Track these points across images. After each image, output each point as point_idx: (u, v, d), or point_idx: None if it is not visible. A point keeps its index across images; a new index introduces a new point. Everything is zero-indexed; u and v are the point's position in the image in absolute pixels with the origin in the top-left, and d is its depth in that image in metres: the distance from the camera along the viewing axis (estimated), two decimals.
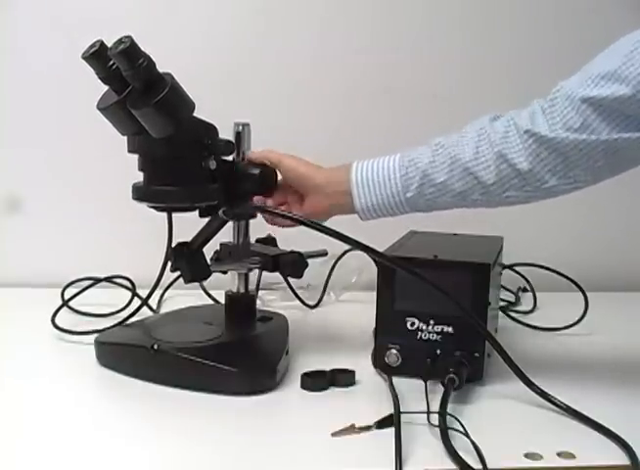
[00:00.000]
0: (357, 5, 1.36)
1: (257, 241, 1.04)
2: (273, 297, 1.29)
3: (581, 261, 1.30)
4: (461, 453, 0.70)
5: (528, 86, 0.88)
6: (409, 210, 0.91)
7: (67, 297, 1.15)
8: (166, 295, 1.25)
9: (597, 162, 0.81)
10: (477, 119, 0.89)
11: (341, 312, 1.25)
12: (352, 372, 0.90)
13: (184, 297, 1.20)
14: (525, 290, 1.34)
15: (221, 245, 1.01)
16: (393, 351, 0.91)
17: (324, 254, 1.08)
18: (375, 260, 0.93)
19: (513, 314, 1.22)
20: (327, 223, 0.84)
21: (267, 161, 0.95)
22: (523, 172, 0.84)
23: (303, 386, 0.88)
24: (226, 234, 0.99)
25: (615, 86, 0.78)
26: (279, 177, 0.96)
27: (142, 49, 0.82)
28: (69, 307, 1.14)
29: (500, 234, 1.09)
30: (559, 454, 0.72)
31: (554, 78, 0.85)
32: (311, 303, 1.27)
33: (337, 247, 1.04)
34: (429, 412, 0.78)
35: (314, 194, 0.93)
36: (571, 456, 0.72)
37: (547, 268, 1.25)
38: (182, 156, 0.88)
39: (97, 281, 1.20)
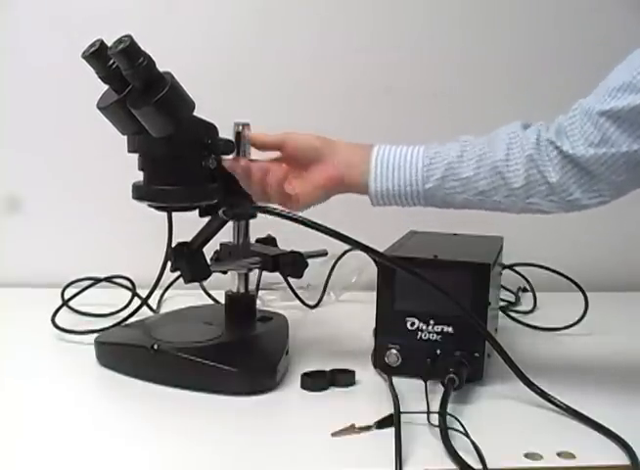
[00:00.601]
0: (357, 5, 1.36)
1: (257, 241, 1.04)
2: (273, 297, 1.29)
3: (581, 261, 1.30)
4: (461, 453, 0.70)
5: (529, 86, 0.88)
6: (423, 202, 0.89)
7: (67, 297, 1.15)
8: (166, 295, 1.25)
9: (620, 175, 0.81)
10: (507, 125, 0.89)
11: (341, 312, 1.25)
12: (352, 372, 0.90)
13: (184, 297, 1.20)
14: (525, 290, 1.34)
15: (221, 245, 1.01)
16: (393, 351, 0.91)
17: (324, 254, 1.08)
18: (375, 260, 0.93)
19: (513, 314, 1.22)
20: (327, 224, 0.84)
21: (270, 144, 0.91)
22: (550, 182, 0.84)
23: (303, 386, 0.88)
24: (226, 234, 0.99)
25: (631, 97, 0.78)
26: (279, 154, 0.92)
27: (142, 48, 0.82)
28: (69, 307, 1.14)
29: (500, 234, 1.09)
30: (559, 454, 0.72)
31: (554, 78, 0.86)
32: (311, 303, 1.27)
33: (337, 247, 1.04)
34: (429, 412, 0.78)
35: (327, 163, 0.89)
36: (571, 456, 0.72)
37: (547, 268, 1.25)
38: (182, 155, 0.88)
39: (97, 281, 1.20)
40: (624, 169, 0.81)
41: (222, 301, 1.04)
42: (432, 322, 0.90)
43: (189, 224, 0.95)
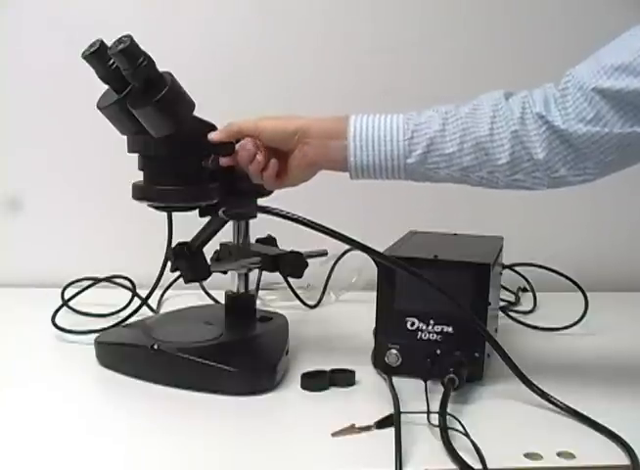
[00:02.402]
0: (358, 6, 1.36)
1: (257, 241, 1.04)
2: (273, 297, 1.29)
3: (581, 261, 1.30)
4: (461, 453, 0.70)
5: (530, 87, 0.88)
6: (404, 176, 0.87)
7: (67, 297, 1.15)
8: (166, 295, 1.25)
9: (609, 156, 0.81)
10: (488, 93, 0.87)
11: (341, 312, 1.25)
12: (352, 372, 0.90)
13: (184, 297, 1.20)
14: (525, 290, 1.34)
15: (221, 245, 1.01)
16: (393, 351, 0.91)
17: (324, 254, 1.08)
18: (375, 260, 0.93)
19: (513, 314, 1.22)
20: (327, 224, 0.84)
21: (239, 135, 0.89)
22: (536, 159, 0.82)
23: (303, 386, 0.88)
24: (226, 234, 0.99)
25: (629, 79, 0.77)
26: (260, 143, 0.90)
27: (142, 48, 0.82)
28: (69, 307, 1.14)
29: (500, 234, 1.08)
30: (559, 454, 0.72)
31: (555, 79, 0.85)
32: (311, 303, 1.27)
33: (337, 247, 1.04)
34: (429, 412, 0.78)
35: (302, 146, 0.88)
36: (571, 456, 0.72)
37: (547, 268, 1.25)
38: (182, 155, 0.88)
39: (97, 281, 1.20)
40: (614, 150, 0.80)
41: (222, 301, 1.04)
42: (432, 322, 0.90)
43: (189, 224, 0.95)
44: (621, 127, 0.79)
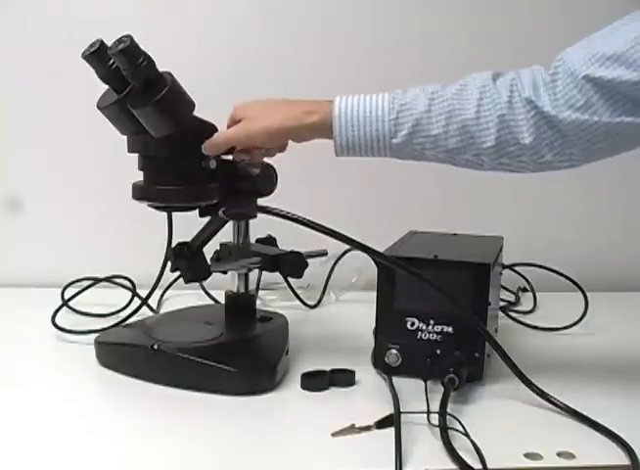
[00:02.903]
0: (357, 6, 1.36)
1: (257, 241, 1.04)
2: (273, 297, 1.29)
3: (581, 261, 1.30)
4: (461, 453, 0.70)
5: None
6: (390, 155, 0.87)
7: (67, 297, 1.15)
8: (166, 295, 1.25)
9: (596, 143, 0.81)
10: (476, 74, 0.86)
11: (341, 312, 1.25)
12: (352, 372, 0.90)
13: (184, 297, 1.20)
14: (525, 290, 1.34)
15: (221, 245, 1.01)
16: (393, 351, 0.91)
17: (324, 254, 1.08)
18: (375, 260, 0.93)
19: (513, 314, 1.22)
20: (327, 224, 0.84)
21: (231, 145, 0.90)
22: (522, 143, 0.82)
23: (303, 386, 0.88)
24: (226, 234, 0.99)
25: (620, 70, 0.77)
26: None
27: (142, 48, 0.82)
28: (69, 307, 1.14)
29: (500, 234, 1.08)
30: (559, 454, 0.72)
31: None
32: (311, 303, 1.27)
33: (337, 247, 1.04)
34: (429, 412, 0.78)
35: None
36: (571, 456, 0.72)
37: (547, 268, 1.25)
38: (182, 155, 0.88)
39: (97, 281, 1.20)
40: (602, 138, 0.80)
41: (222, 301, 1.04)
42: (432, 322, 0.90)
43: (189, 224, 0.95)
44: (610, 117, 0.79)
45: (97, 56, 0.84)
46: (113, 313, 1.13)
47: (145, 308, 1.15)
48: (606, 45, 0.79)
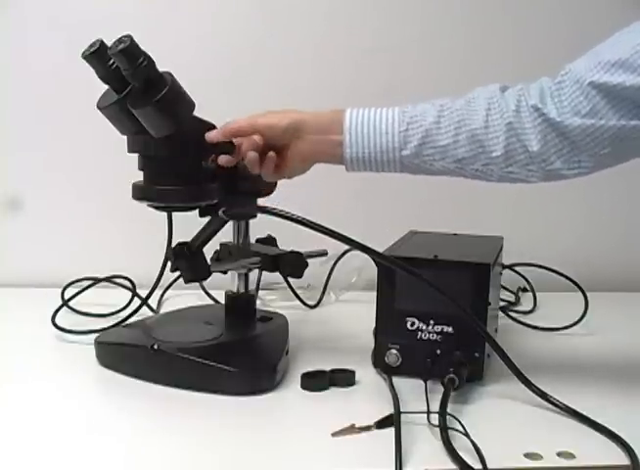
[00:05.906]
0: (358, 5, 1.36)
1: (257, 241, 1.04)
2: (273, 297, 1.29)
3: (581, 261, 1.30)
4: (461, 453, 0.70)
5: None
6: (400, 169, 0.87)
7: (67, 297, 1.15)
8: (166, 295, 1.25)
9: (603, 148, 0.81)
10: (483, 87, 0.87)
11: (341, 312, 1.25)
12: (352, 372, 0.90)
13: (184, 297, 1.20)
14: (525, 290, 1.34)
15: (221, 245, 1.01)
16: (393, 351, 0.91)
17: (324, 254, 1.08)
18: (375, 260, 0.93)
19: (513, 314, 1.22)
20: (327, 224, 0.84)
21: (236, 134, 0.88)
22: (530, 151, 0.83)
23: (303, 386, 0.88)
24: (226, 234, 0.99)
25: (625, 75, 0.77)
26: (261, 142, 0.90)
27: (142, 48, 0.82)
28: (69, 307, 1.14)
29: (500, 234, 1.09)
30: (559, 454, 0.72)
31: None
32: (311, 303, 1.27)
33: (337, 247, 1.04)
34: (429, 412, 0.78)
35: (297, 141, 0.88)
36: (571, 456, 0.72)
37: (547, 268, 1.25)
38: (182, 155, 0.88)
39: (97, 281, 1.20)
40: (609, 143, 0.80)
41: (222, 301, 1.04)
42: (432, 322, 0.90)
43: (189, 224, 0.95)
44: (617, 121, 0.79)
45: (97, 56, 0.84)
46: (113, 313, 1.13)
47: (145, 308, 1.15)
48: (610, 52, 0.79)
